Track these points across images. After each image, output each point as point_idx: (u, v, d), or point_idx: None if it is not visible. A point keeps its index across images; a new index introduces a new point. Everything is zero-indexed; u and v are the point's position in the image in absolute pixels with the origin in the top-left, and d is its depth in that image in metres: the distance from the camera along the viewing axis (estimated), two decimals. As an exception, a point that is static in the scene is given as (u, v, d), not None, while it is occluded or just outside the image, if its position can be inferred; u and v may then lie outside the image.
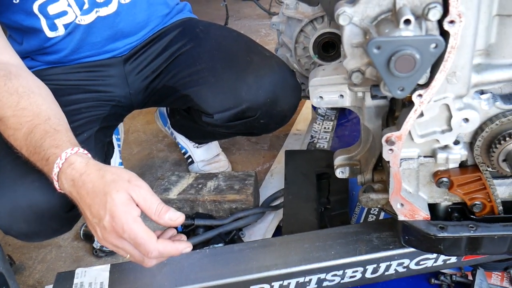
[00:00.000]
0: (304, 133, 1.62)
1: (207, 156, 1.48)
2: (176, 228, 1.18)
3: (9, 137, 0.81)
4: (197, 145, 1.46)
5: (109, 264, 0.89)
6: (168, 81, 1.11)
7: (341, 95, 0.81)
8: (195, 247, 1.20)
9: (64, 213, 0.88)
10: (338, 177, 0.91)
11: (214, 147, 1.50)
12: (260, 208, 1.27)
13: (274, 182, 1.42)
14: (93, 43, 1.05)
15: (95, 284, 0.85)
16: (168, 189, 1.28)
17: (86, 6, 1.01)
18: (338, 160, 0.90)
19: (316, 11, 1.31)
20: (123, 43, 1.08)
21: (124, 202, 0.69)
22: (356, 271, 0.87)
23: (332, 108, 1.67)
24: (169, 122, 1.50)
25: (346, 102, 0.81)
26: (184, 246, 0.74)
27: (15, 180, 0.85)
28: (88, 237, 1.26)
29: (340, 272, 0.87)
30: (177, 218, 0.72)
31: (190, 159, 1.50)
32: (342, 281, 0.88)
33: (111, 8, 1.03)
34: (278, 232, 1.23)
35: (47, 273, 1.21)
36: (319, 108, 1.66)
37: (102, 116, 1.06)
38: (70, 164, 0.73)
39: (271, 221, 1.27)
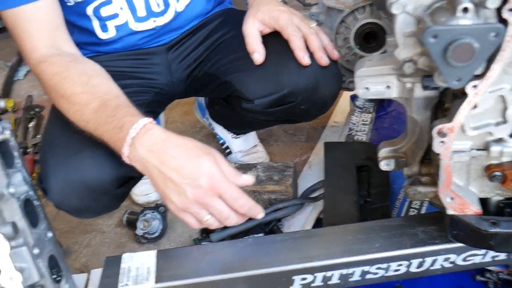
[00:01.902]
0: (342, 125, 1.60)
1: (245, 147, 1.49)
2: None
3: (74, 113, 0.85)
4: (235, 135, 1.47)
5: (156, 250, 0.91)
6: (209, 69, 1.12)
7: (388, 86, 0.79)
8: (235, 236, 1.22)
9: (114, 189, 0.92)
10: (383, 169, 0.89)
11: (252, 137, 1.50)
12: (299, 200, 1.27)
13: (312, 174, 1.41)
14: (144, 43, 1.09)
15: (142, 269, 0.87)
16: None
17: (142, 14, 1.03)
18: (383, 152, 0.89)
19: (358, 1, 1.29)
20: (167, 35, 1.10)
21: (217, 164, 0.76)
22: (401, 265, 0.86)
23: (371, 100, 1.64)
24: (207, 113, 1.51)
25: (393, 93, 0.80)
26: (261, 209, 0.82)
27: (69, 156, 0.89)
28: (131, 224, 1.29)
29: (384, 265, 0.86)
30: (251, 178, 0.81)
31: (228, 150, 1.51)
32: (386, 274, 0.87)
33: (167, 17, 1.06)
34: (317, 224, 1.22)
35: (92, 257, 1.25)
36: (357, 100, 1.64)
37: (146, 101, 1.09)
38: (148, 130, 0.77)
39: (310, 213, 1.26)
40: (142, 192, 1.37)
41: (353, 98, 1.63)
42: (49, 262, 0.86)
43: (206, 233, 1.25)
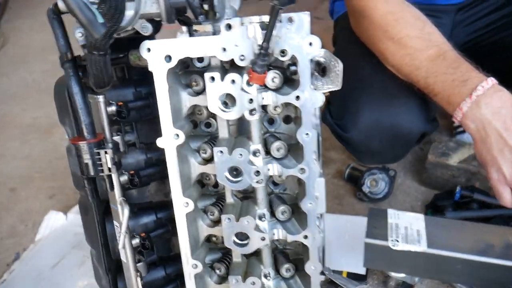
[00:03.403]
0: None
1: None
2: (453, 195, 1.12)
3: (402, 56, 0.82)
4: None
5: (422, 214, 0.88)
6: (504, 38, 1.01)
7: None
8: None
9: (414, 143, 0.90)
10: None
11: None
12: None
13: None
14: None
15: (411, 229, 0.84)
16: (446, 154, 1.22)
17: None
18: None
19: None
20: None
21: None
22: None
23: None
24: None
25: None
26: None
27: (382, 99, 0.89)
28: (352, 179, 1.29)
29: None
30: None
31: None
32: None
33: None
34: None
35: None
36: None
37: None
38: (497, 91, 0.73)
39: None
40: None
41: None
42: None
43: (433, 209, 1.19)
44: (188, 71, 0.79)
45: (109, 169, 0.66)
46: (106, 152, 0.65)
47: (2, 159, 1.67)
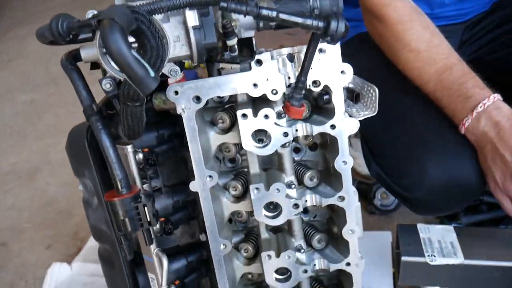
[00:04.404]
0: None
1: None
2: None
3: (413, 69, 0.82)
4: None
5: (452, 225, 0.88)
6: (505, 56, 1.01)
7: None
8: (479, 224, 1.16)
9: (480, 191, 0.82)
10: None
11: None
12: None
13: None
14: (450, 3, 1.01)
15: (444, 242, 0.85)
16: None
17: None
18: None
19: None
20: (470, 4, 1.02)
21: None
22: None
23: None
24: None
25: None
26: None
27: (445, 156, 0.81)
28: (361, 194, 1.28)
29: None
30: None
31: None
32: None
33: None
34: None
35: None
36: None
37: None
38: (497, 107, 0.74)
39: None
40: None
41: None
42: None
43: (446, 216, 1.20)
44: (207, 108, 0.76)
45: (149, 223, 0.62)
46: (145, 206, 0.61)
47: (-15, 212, 1.57)
